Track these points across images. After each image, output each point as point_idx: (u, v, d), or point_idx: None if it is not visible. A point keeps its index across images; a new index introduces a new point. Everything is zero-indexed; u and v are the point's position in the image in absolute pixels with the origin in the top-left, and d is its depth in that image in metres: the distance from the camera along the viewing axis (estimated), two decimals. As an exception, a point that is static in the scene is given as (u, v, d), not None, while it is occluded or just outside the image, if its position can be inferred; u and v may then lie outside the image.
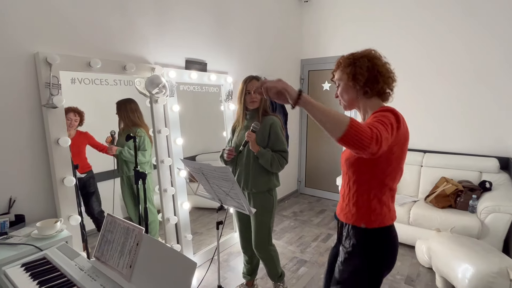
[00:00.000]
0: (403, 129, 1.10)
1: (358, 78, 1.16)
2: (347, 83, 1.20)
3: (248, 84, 1.91)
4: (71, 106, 1.88)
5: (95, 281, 1.19)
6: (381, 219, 1.17)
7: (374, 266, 1.17)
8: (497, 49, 2.93)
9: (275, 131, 1.88)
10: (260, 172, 1.89)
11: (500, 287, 1.72)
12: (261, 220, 1.93)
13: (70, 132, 1.89)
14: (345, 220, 1.23)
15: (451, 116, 3.24)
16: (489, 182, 2.77)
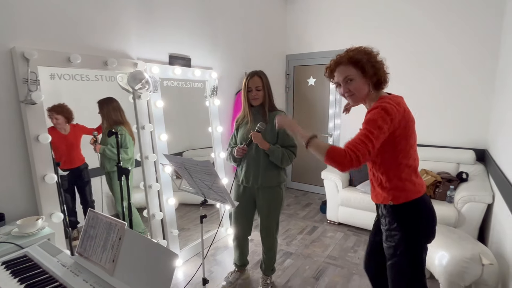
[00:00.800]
0: (399, 114, 1.23)
1: (376, 74, 1.28)
2: (362, 78, 1.28)
3: (249, 81, 1.91)
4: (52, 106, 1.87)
5: (78, 276, 1.19)
6: (406, 194, 1.30)
7: (410, 238, 1.30)
8: (474, 44, 3.04)
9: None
10: (269, 167, 1.93)
11: (473, 272, 1.81)
12: (272, 213, 2.01)
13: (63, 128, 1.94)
14: (376, 201, 1.41)
15: (431, 110, 3.34)
16: (465, 173, 2.88)
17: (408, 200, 1.30)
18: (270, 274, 2.20)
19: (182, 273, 2.39)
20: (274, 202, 2.00)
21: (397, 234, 1.32)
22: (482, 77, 3.04)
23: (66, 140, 2.02)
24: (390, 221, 1.35)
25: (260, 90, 1.91)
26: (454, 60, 3.16)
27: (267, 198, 1.98)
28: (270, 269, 2.18)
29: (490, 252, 1.90)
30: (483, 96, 3.05)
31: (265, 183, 1.94)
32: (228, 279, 2.24)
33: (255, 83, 1.91)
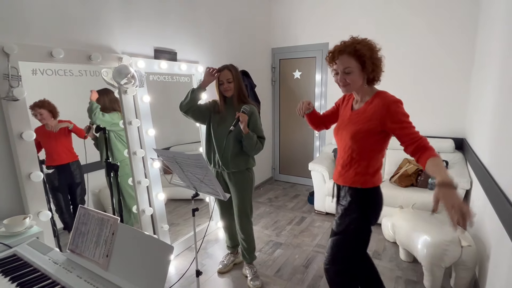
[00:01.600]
0: None
1: (375, 69, 1.34)
2: (361, 72, 1.35)
3: (220, 75, 2.01)
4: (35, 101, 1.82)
5: (71, 273, 1.19)
6: (373, 181, 1.44)
7: (366, 218, 1.45)
8: (453, 36, 3.14)
9: (256, 118, 2.00)
10: (238, 153, 2.03)
11: (453, 253, 1.92)
12: (243, 195, 2.11)
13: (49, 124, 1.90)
14: (344, 183, 1.49)
15: (412, 102, 3.44)
16: (445, 161, 3.01)
17: (373, 186, 1.44)
18: (252, 260, 2.28)
19: (174, 267, 2.41)
20: (245, 185, 2.10)
21: (354, 214, 1.44)
22: (460, 69, 3.16)
23: (54, 137, 1.96)
24: (351, 201, 1.46)
25: (231, 82, 2.01)
26: (433, 52, 3.26)
27: (238, 182, 2.08)
28: (253, 256, 2.28)
29: (469, 235, 2.01)
30: (461, 87, 3.18)
31: (235, 167, 2.05)
32: (224, 262, 2.37)
33: (226, 75, 2.00)
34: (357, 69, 1.33)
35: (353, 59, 1.32)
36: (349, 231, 1.46)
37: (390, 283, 2.16)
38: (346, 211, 1.47)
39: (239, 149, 2.03)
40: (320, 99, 4.10)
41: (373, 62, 1.33)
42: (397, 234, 2.40)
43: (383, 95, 1.39)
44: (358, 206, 1.45)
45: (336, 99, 1.76)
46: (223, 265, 2.35)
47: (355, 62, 1.32)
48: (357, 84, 1.38)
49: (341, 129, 1.51)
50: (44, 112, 1.87)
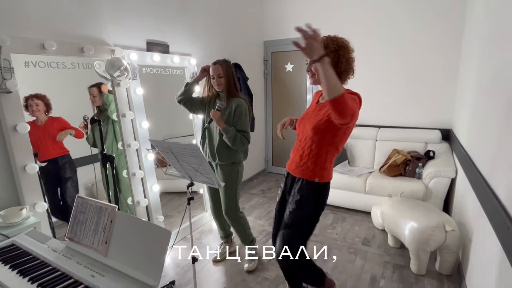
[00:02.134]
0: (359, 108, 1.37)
1: (338, 66, 1.38)
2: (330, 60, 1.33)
3: (212, 69, 2.05)
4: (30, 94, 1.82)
5: (71, 259, 1.22)
6: (328, 175, 1.52)
7: (319, 210, 1.54)
8: (441, 28, 3.21)
9: (239, 112, 2.02)
10: (224, 146, 2.07)
11: (438, 238, 2.01)
12: (227, 189, 2.14)
13: (39, 118, 1.86)
14: (301, 176, 1.53)
15: (401, 94, 3.53)
16: (432, 151, 3.11)
17: (327, 180, 1.53)
18: (251, 244, 2.34)
19: (169, 257, 2.45)
20: (229, 178, 2.13)
21: (309, 206, 1.51)
22: (448, 61, 3.23)
23: (41, 131, 1.96)
24: (304, 194, 1.50)
25: (222, 77, 2.04)
26: (422, 45, 3.33)
27: (223, 174, 2.13)
28: (249, 241, 2.33)
29: (453, 220, 2.10)
30: (448, 80, 3.26)
31: (220, 160, 2.10)
32: (218, 251, 2.44)
33: (217, 70, 2.03)
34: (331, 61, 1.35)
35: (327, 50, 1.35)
36: (304, 223, 1.52)
37: (379, 268, 2.25)
38: (301, 204, 1.51)
39: (224, 142, 2.07)
40: (312, 92, 4.15)
41: (337, 57, 1.37)
42: (386, 221, 2.49)
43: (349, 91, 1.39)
44: (314, 199, 1.51)
45: None
46: (218, 254, 2.42)
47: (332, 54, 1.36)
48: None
49: (304, 120, 1.57)
50: (40, 103, 1.88)
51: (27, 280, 1.11)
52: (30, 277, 1.12)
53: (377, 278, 2.14)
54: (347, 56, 1.40)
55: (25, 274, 1.14)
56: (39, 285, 1.08)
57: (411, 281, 2.10)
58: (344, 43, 1.41)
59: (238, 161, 2.16)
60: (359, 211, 3.19)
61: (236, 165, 2.15)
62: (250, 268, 2.24)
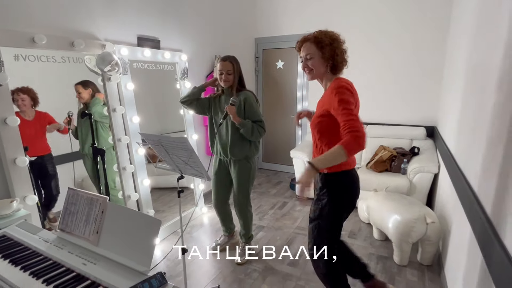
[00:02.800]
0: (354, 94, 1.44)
1: (335, 58, 1.43)
2: (321, 58, 1.44)
3: (222, 65, 2.07)
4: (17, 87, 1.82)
5: (62, 249, 1.25)
6: (340, 165, 1.43)
7: (334, 203, 1.48)
8: (427, 27, 3.31)
9: (249, 103, 2.08)
10: (237, 142, 2.11)
11: (419, 230, 2.10)
12: (241, 184, 2.21)
13: (27, 112, 1.86)
14: None
15: (388, 93, 3.62)
16: (417, 147, 3.21)
17: (340, 170, 1.47)
18: (248, 241, 2.42)
19: (160, 251, 2.49)
20: (243, 175, 2.19)
21: (325, 198, 1.50)
22: (433, 61, 3.33)
23: (30, 126, 1.95)
24: (321, 186, 1.52)
25: (230, 74, 2.08)
26: (408, 44, 3.42)
27: (236, 171, 2.19)
28: (247, 237, 2.40)
29: (433, 213, 2.20)
30: (434, 79, 3.36)
31: (234, 156, 2.14)
32: (217, 241, 2.49)
33: (226, 67, 2.06)
34: (317, 55, 1.44)
35: (313, 46, 1.44)
36: (323, 215, 1.51)
37: (364, 259, 2.32)
38: (319, 196, 1.54)
39: (237, 138, 2.09)
40: (302, 90, 4.21)
41: (333, 49, 1.43)
42: (371, 215, 2.58)
43: (337, 80, 1.44)
44: (328, 190, 1.49)
45: (318, 90, 1.87)
46: (216, 244, 2.47)
47: (315, 48, 1.43)
48: (319, 70, 1.47)
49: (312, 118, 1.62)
50: (26, 98, 1.87)
51: (19, 269, 1.14)
52: (22, 266, 1.15)
53: (361, 269, 2.22)
54: (341, 48, 1.45)
55: (17, 263, 1.17)
56: (31, 273, 1.11)
57: (394, 271, 2.19)
58: (335, 35, 1.47)
59: (251, 156, 2.19)
60: (346, 206, 3.27)
61: (250, 161, 2.19)
62: (243, 261, 2.30)
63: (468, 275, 1.42)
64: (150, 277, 1.01)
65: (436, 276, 2.12)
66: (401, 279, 2.10)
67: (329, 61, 1.44)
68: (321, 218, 1.53)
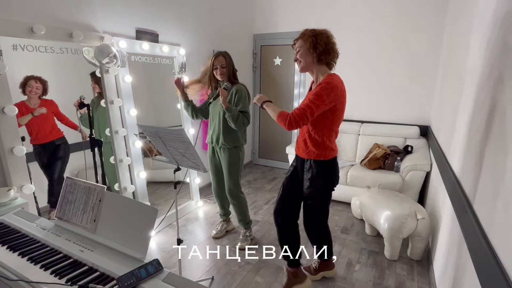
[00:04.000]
0: (342, 92, 1.62)
1: (317, 48, 1.59)
2: (307, 49, 1.61)
3: (215, 60, 2.21)
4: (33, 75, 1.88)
5: (60, 236, 1.27)
6: (331, 153, 1.74)
7: (329, 184, 1.77)
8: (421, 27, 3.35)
9: (240, 95, 2.21)
10: (227, 131, 2.24)
11: (410, 225, 2.15)
12: (231, 171, 2.35)
13: (33, 100, 1.88)
14: (307, 157, 1.76)
15: (383, 92, 3.67)
16: (411, 146, 3.26)
17: (331, 157, 1.75)
18: (247, 226, 2.55)
19: (155, 243, 2.52)
20: (231, 162, 2.33)
21: (320, 181, 1.75)
22: (428, 61, 3.38)
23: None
24: (316, 171, 1.74)
25: (224, 67, 2.22)
26: (404, 45, 3.46)
27: (226, 158, 2.32)
28: (245, 222, 2.53)
29: (424, 209, 2.25)
30: (428, 79, 3.41)
31: (224, 143, 2.27)
32: (217, 228, 2.64)
33: (220, 61, 2.20)
34: (304, 48, 1.63)
35: (301, 40, 1.64)
36: (320, 196, 1.79)
37: (355, 254, 2.38)
38: (313, 180, 1.75)
39: (227, 127, 2.23)
40: (299, 87, 4.24)
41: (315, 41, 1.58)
42: (364, 211, 2.63)
43: (328, 77, 1.61)
44: (325, 175, 1.74)
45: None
46: (217, 231, 2.62)
47: (303, 42, 1.63)
48: (306, 62, 1.65)
49: None
50: (41, 87, 1.91)
51: (17, 255, 1.16)
52: (20, 252, 1.17)
53: (353, 263, 2.27)
54: (324, 40, 1.59)
55: (15, 249, 1.19)
56: (29, 259, 1.13)
57: (384, 265, 2.24)
58: (320, 30, 1.62)
59: (239, 145, 2.33)
60: (340, 202, 3.33)
61: (238, 149, 2.33)
62: (243, 246, 2.44)
63: (454, 270, 1.47)
64: (147, 263, 1.04)
65: (425, 271, 2.17)
66: (390, 273, 2.15)
67: (313, 52, 1.60)
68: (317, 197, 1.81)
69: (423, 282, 2.06)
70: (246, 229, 2.55)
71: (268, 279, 2.08)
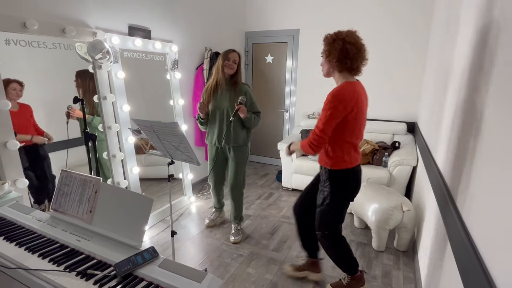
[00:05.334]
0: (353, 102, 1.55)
1: (331, 56, 1.58)
2: (325, 57, 1.63)
3: (230, 54, 2.31)
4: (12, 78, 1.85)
5: (56, 227, 1.30)
6: (341, 164, 1.67)
7: (336, 195, 1.72)
8: (408, 26, 3.45)
9: (250, 96, 2.34)
10: (239, 130, 2.38)
11: (396, 217, 2.24)
12: (240, 167, 2.48)
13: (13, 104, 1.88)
14: (320, 164, 1.79)
15: (372, 90, 3.74)
16: (398, 142, 3.36)
17: (342, 168, 1.68)
18: (239, 221, 2.65)
19: (148, 237, 2.55)
20: (242, 158, 2.47)
21: (327, 190, 1.73)
22: (415, 59, 3.48)
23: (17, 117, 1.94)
24: (325, 179, 1.75)
25: (236, 63, 2.35)
26: (392, 44, 3.56)
27: (237, 156, 2.45)
28: (239, 218, 2.64)
29: (409, 202, 2.34)
30: (415, 77, 3.52)
31: (236, 142, 2.39)
32: (211, 218, 2.78)
33: (234, 56, 2.33)
34: (324, 54, 1.63)
35: (324, 48, 1.63)
36: (326, 203, 1.74)
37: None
38: (323, 187, 1.76)
39: (240, 127, 2.36)
40: (290, 85, 4.30)
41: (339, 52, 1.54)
42: (352, 204, 2.70)
43: (338, 87, 1.58)
44: (330, 183, 1.71)
45: (306, 86, 2.03)
46: (210, 220, 2.76)
47: (324, 50, 1.63)
48: (325, 68, 1.66)
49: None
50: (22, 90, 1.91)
51: (14, 245, 1.18)
52: (17, 242, 1.19)
53: (342, 254, 2.35)
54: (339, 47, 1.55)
55: (12, 239, 1.22)
56: (26, 248, 1.16)
57: (372, 256, 2.32)
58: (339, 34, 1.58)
59: (247, 143, 2.49)
60: (330, 197, 3.40)
61: (246, 147, 2.49)
62: (237, 240, 2.50)
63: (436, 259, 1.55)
64: (143, 251, 1.09)
65: (410, 261, 2.27)
66: (377, 263, 2.23)
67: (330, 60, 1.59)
68: (323, 205, 1.76)
69: (408, 271, 2.15)
70: (238, 224, 2.62)
71: (259, 270, 2.14)
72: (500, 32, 0.99)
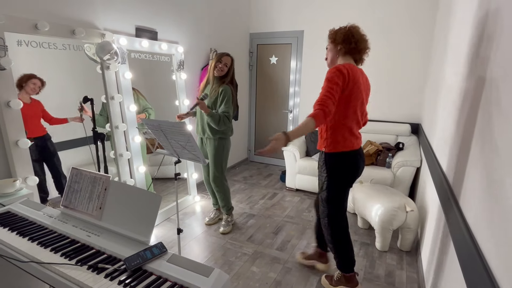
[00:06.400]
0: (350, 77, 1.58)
1: (336, 42, 1.69)
2: (330, 44, 1.73)
3: (223, 57, 2.39)
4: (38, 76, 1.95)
5: (67, 223, 1.34)
6: (335, 146, 1.68)
7: (332, 179, 1.73)
8: (413, 27, 3.46)
9: (224, 95, 2.37)
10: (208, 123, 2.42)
11: (400, 218, 2.25)
12: (215, 160, 2.53)
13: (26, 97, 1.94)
14: (318, 148, 1.80)
15: (377, 91, 3.77)
16: (402, 143, 3.37)
17: (336, 151, 1.69)
18: (228, 212, 2.73)
19: (154, 236, 2.58)
20: (216, 151, 2.52)
21: (324, 174, 1.76)
22: (419, 60, 3.49)
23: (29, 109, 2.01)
24: (321, 164, 1.78)
25: (227, 67, 2.41)
26: (396, 44, 3.57)
27: (210, 148, 2.53)
28: (227, 208, 2.72)
29: (413, 202, 2.35)
30: (419, 78, 3.52)
31: (209, 135, 2.48)
32: (210, 216, 2.85)
33: (227, 60, 2.40)
34: (329, 40, 1.75)
35: (329, 40, 1.76)
36: (323, 189, 1.78)
37: (348, 246, 2.48)
38: (320, 172, 1.80)
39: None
40: (295, 86, 4.32)
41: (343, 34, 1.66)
42: (356, 205, 2.72)
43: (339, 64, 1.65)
44: (326, 167, 1.74)
45: (309, 87, 2.07)
46: (210, 219, 2.83)
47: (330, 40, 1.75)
48: (330, 56, 1.76)
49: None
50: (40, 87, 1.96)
51: (27, 239, 1.22)
52: (30, 237, 1.23)
53: (345, 254, 2.36)
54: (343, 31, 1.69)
55: (25, 234, 1.26)
56: (39, 243, 1.20)
57: (375, 256, 2.34)
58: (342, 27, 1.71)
59: (224, 136, 2.51)
60: (333, 197, 3.42)
61: (223, 140, 2.52)
62: (225, 231, 2.63)
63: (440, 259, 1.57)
64: (151, 246, 1.12)
65: (413, 261, 2.28)
66: (381, 263, 2.25)
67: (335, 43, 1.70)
68: (322, 191, 1.81)
69: (411, 271, 2.16)
70: (227, 215, 2.74)
71: (263, 269, 2.16)
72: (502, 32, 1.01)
